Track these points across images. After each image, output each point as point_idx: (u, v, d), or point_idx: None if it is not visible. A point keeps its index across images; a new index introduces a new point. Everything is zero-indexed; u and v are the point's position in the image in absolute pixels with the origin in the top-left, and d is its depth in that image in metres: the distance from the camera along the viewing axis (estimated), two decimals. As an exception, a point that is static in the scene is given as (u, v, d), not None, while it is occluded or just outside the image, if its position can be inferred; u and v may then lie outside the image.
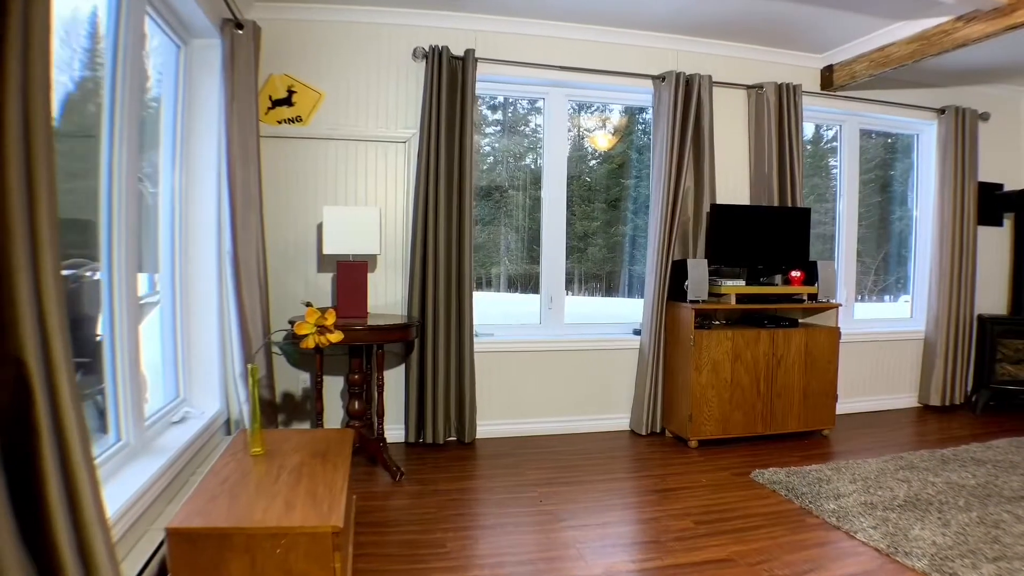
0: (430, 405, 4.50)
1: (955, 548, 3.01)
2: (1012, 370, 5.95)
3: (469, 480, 3.92)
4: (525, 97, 5.14)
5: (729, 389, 4.73)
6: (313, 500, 2.26)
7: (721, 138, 5.27)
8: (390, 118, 4.62)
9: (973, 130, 6.03)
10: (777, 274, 5.23)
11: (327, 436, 3.13)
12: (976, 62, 5.50)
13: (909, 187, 6.53)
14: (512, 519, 3.34)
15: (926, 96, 6.09)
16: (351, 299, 4.07)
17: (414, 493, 3.68)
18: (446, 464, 4.19)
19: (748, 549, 3.03)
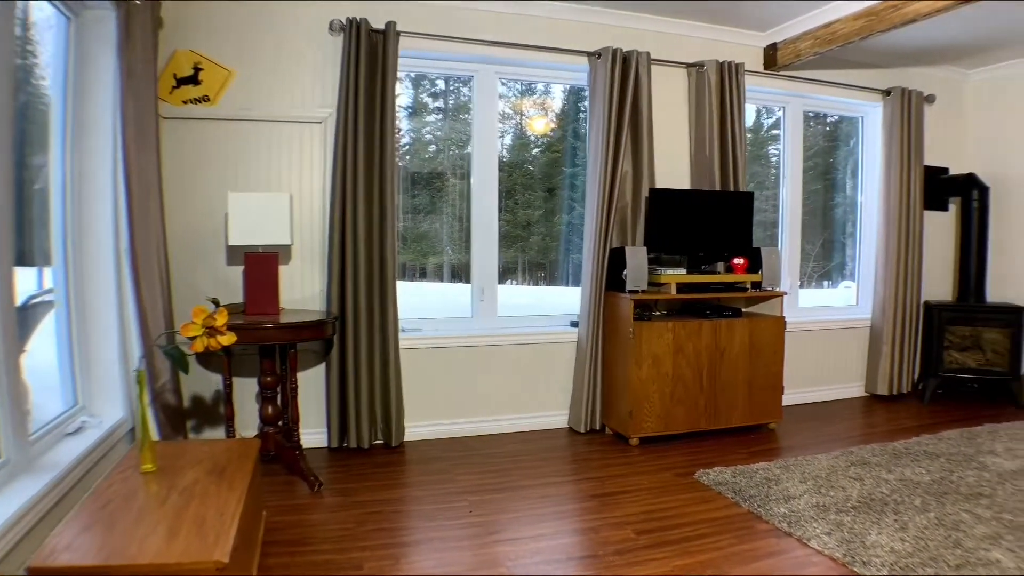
0: (352, 407, 4.30)
1: (915, 555, 2.93)
2: (959, 357, 6.00)
3: (394, 489, 3.73)
4: (452, 75, 4.93)
5: (671, 383, 4.63)
6: (199, 528, 2.05)
7: (660, 119, 5.14)
8: (306, 97, 4.37)
9: (919, 113, 6.04)
10: (719, 262, 5.16)
11: (230, 448, 2.91)
12: (923, 42, 5.49)
13: (848, 174, 6.54)
14: (439, 533, 3.17)
15: (871, 77, 6.08)
16: (261, 294, 3.84)
17: (333, 506, 3.47)
18: (370, 471, 4.00)
19: (693, 562, 2.91)
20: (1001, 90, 6.40)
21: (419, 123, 5.01)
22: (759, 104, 5.99)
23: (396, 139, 4.62)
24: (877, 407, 5.81)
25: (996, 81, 6.43)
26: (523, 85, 5.24)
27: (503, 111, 5.17)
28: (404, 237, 4.95)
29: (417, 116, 4.98)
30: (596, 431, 4.89)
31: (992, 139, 6.49)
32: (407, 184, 4.93)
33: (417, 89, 4.97)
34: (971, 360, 5.98)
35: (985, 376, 5.92)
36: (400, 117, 4.89)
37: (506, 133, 5.21)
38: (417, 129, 5.00)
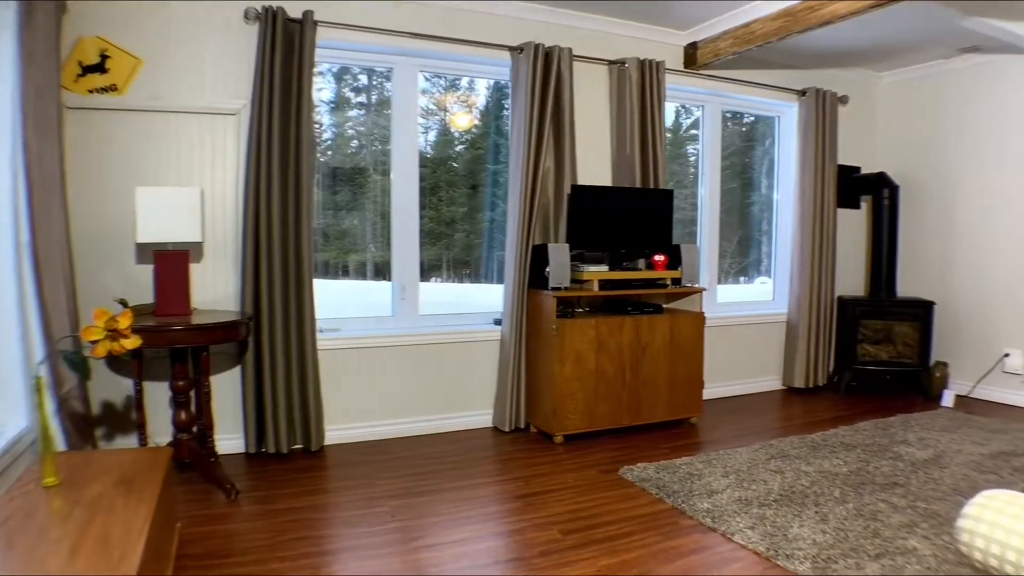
0: (270, 411, 4.16)
1: (836, 547, 3.00)
2: (872, 350, 6.20)
3: (314, 495, 3.62)
4: (372, 67, 4.82)
5: (594, 380, 4.64)
6: (104, 545, 1.94)
7: (582, 116, 5.15)
8: (219, 87, 4.20)
9: (833, 113, 6.22)
10: (640, 258, 5.21)
11: (139, 457, 2.77)
12: (837, 44, 5.66)
13: (763, 173, 6.69)
14: (360, 541, 3.08)
15: (788, 78, 6.23)
16: (171, 294, 3.68)
17: (251, 514, 3.35)
18: (289, 477, 3.88)
19: (620, 561, 2.90)
20: (910, 92, 6.65)
21: (341, 118, 4.89)
22: (679, 103, 6.07)
23: (316, 133, 4.52)
24: (794, 400, 5.97)
25: (905, 84, 6.67)
26: (447, 81, 5.18)
27: (427, 107, 5.10)
28: (325, 234, 4.83)
29: (340, 111, 4.86)
30: (521, 430, 4.87)
31: (901, 139, 6.74)
32: (328, 180, 4.81)
33: (340, 83, 4.86)
34: (883, 353, 6.19)
35: (896, 368, 6.14)
36: (322, 112, 4.77)
37: (430, 129, 5.13)
38: (339, 124, 4.88)
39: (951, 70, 6.22)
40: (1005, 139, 5.87)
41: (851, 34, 5.34)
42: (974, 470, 4.02)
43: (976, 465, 4.11)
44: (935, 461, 4.19)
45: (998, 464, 4.13)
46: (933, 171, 6.45)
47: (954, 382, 6.20)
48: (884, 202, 6.34)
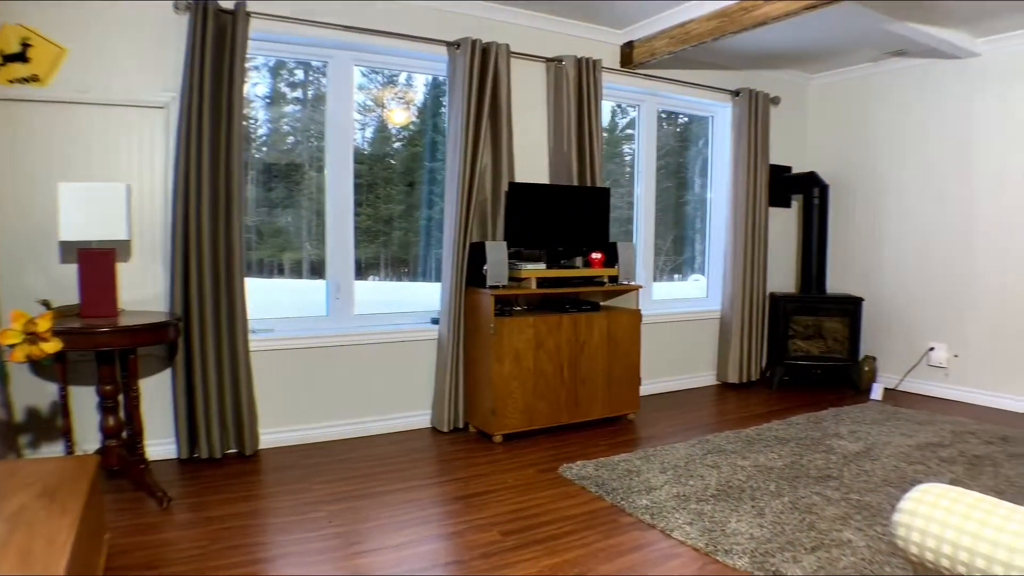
0: (202, 415, 4.03)
1: (773, 541, 3.05)
2: (803, 345, 6.34)
3: (249, 501, 3.52)
4: (308, 61, 4.71)
5: (532, 378, 4.63)
6: (25, 561, 1.83)
7: (520, 113, 5.15)
8: (147, 80, 4.03)
9: (765, 113, 6.34)
10: (578, 256, 5.22)
11: (64, 466, 2.64)
12: (770, 45, 5.77)
13: (697, 172, 6.78)
14: (296, 547, 3.01)
15: (722, 78, 6.34)
16: (97, 295, 3.52)
17: (184, 523, 3.24)
18: (223, 483, 3.76)
19: (560, 561, 2.89)
20: (839, 94, 6.82)
21: (277, 113, 4.76)
22: (616, 102, 6.10)
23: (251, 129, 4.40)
24: (729, 395, 6.07)
25: (835, 86, 6.84)
26: (385, 77, 5.09)
27: (365, 103, 5.00)
28: (260, 232, 4.70)
29: (275, 106, 4.73)
30: (460, 430, 4.83)
31: (831, 140, 6.91)
32: (264, 176, 4.68)
33: (276, 78, 4.72)
34: (814, 348, 6.33)
35: (827, 363, 6.29)
36: (257, 107, 4.64)
37: (367, 126, 5.04)
38: (275, 119, 4.75)
39: (878, 73, 6.41)
40: (928, 141, 6.07)
41: (784, 36, 5.46)
42: (903, 461, 4.14)
43: (905, 456, 4.23)
44: (866, 453, 4.29)
45: (926, 455, 4.26)
46: (861, 171, 6.63)
47: (882, 375, 6.39)
48: (814, 201, 6.48)
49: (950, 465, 4.08)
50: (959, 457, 4.24)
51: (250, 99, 4.54)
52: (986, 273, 5.72)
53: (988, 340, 5.72)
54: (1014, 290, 5.54)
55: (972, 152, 5.77)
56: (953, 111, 5.88)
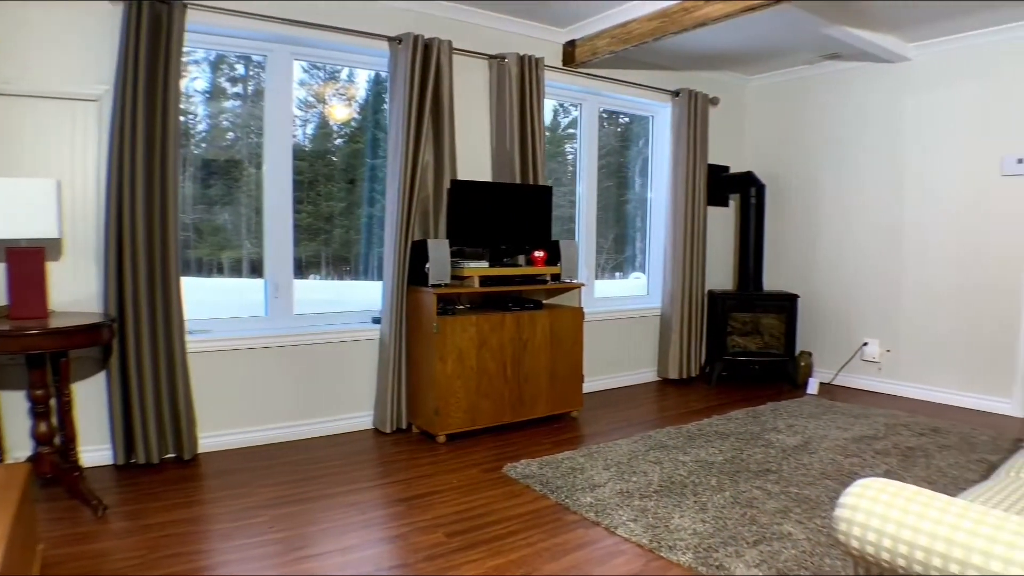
0: (139, 419, 3.90)
1: (716, 536, 3.09)
2: (741, 342, 6.44)
3: (189, 507, 3.42)
4: (246, 54, 4.59)
5: (476, 378, 4.61)
6: (-48, 576, 1.75)
7: (462, 110, 5.12)
8: (79, 71, 3.86)
9: (704, 113, 6.43)
10: (521, 254, 5.22)
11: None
12: (710, 47, 5.86)
13: (637, 172, 6.85)
14: (238, 554, 2.94)
15: (663, 78, 6.42)
16: (26, 295, 3.39)
17: (121, 531, 3.13)
18: (162, 489, 3.65)
19: (506, 561, 2.89)
20: (776, 95, 6.96)
21: (217, 108, 4.63)
22: (558, 100, 6.12)
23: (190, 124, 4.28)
24: (670, 391, 6.14)
25: (772, 87, 6.98)
26: (326, 73, 5.01)
27: (306, 99, 4.91)
28: (198, 230, 4.57)
29: (215, 101, 4.60)
30: (403, 430, 4.79)
31: (768, 140, 7.06)
32: (202, 173, 4.55)
33: (216, 73, 4.59)
34: (752, 344, 6.45)
35: (764, 358, 6.41)
36: (197, 102, 4.52)
37: (308, 122, 4.94)
38: (214, 115, 4.62)
39: (814, 75, 6.56)
40: (860, 142, 6.24)
41: (723, 38, 5.54)
42: (840, 454, 4.25)
43: (841, 449, 4.34)
44: (804, 447, 4.39)
45: (861, 448, 4.38)
46: (796, 171, 6.78)
47: (818, 370, 6.56)
48: (751, 200, 6.60)
49: (884, 457, 4.20)
50: (893, 449, 4.36)
51: (189, 94, 4.43)
52: (914, 271, 5.92)
53: (918, 335, 5.91)
54: (940, 287, 5.75)
55: (902, 153, 5.96)
56: (884, 113, 6.06)
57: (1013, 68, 5.26)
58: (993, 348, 5.46)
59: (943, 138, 5.69)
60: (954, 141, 5.63)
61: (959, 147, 5.60)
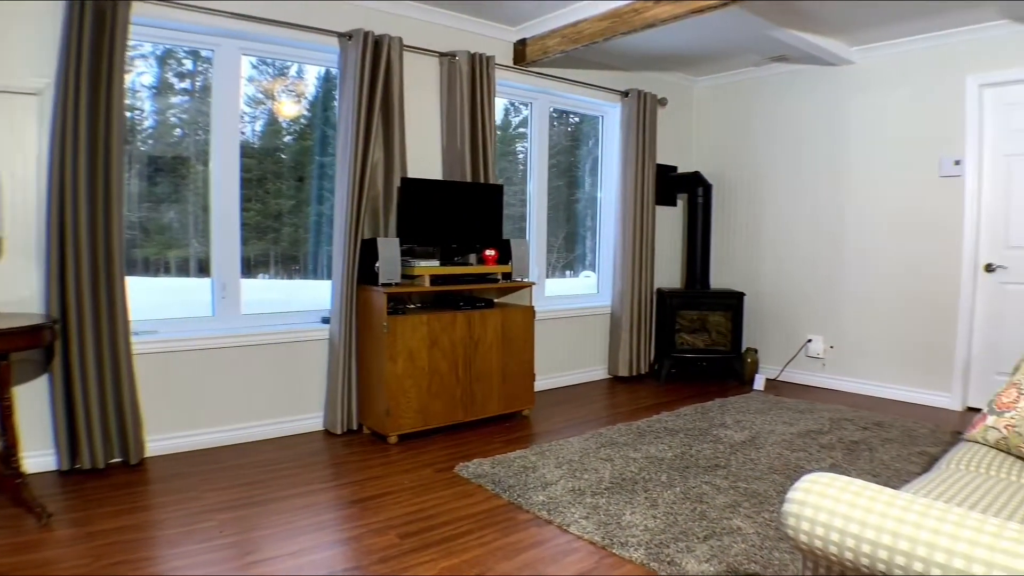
0: (83, 423, 3.78)
1: (667, 531, 3.13)
2: (689, 339, 6.54)
3: (135, 513, 3.34)
4: (193, 48, 4.48)
5: (427, 377, 4.60)
6: None
7: (412, 107, 5.10)
8: (18, 64, 3.72)
9: (653, 114, 6.52)
10: (472, 253, 5.22)
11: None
12: (659, 48, 5.94)
13: (587, 171, 6.91)
14: (186, 560, 2.88)
15: (613, 79, 6.48)
16: (-40, 295, 3.28)
17: (66, 539, 3.04)
18: (108, 495, 3.55)
19: (459, 562, 2.89)
20: (723, 97, 7.08)
21: (164, 104, 4.52)
22: (509, 99, 6.14)
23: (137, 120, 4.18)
24: (620, 388, 6.21)
25: (719, 88, 7.09)
26: (276, 69, 4.93)
27: (255, 95, 4.83)
28: (145, 228, 4.46)
29: (162, 96, 4.49)
30: (353, 432, 4.76)
31: (715, 141, 7.18)
32: (149, 170, 4.44)
33: (163, 68, 4.47)
34: (699, 341, 6.55)
35: (712, 355, 6.52)
36: (144, 97, 4.40)
37: (257, 119, 4.86)
38: (162, 111, 4.50)
39: (761, 77, 6.69)
40: (805, 143, 6.39)
41: (672, 39, 5.61)
42: (786, 449, 4.34)
43: (788, 444, 4.43)
44: (751, 442, 4.47)
45: (807, 442, 4.48)
46: (742, 171, 6.91)
47: (764, 367, 6.69)
48: (699, 200, 6.71)
49: (830, 451, 4.30)
50: (838, 443, 4.47)
51: (136, 89, 4.32)
52: (856, 269, 6.09)
53: (860, 332, 6.07)
54: (881, 285, 5.93)
55: (844, 155, 6.12)
56: (828, 116, 6.21)
57: (949, 72, 5.44)
58: (932, 344, 5.64)
59: (885, 139, 5.86)
60: (895, 143, 5.80)
61: (900, 149, 5.78)
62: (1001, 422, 2.76)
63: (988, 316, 5.44)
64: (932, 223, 5.61)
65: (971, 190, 5.40)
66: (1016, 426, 2.68)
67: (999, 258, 5.37)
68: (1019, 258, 5.28)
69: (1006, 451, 2.74)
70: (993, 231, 5.40)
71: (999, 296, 5.38)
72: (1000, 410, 2.80)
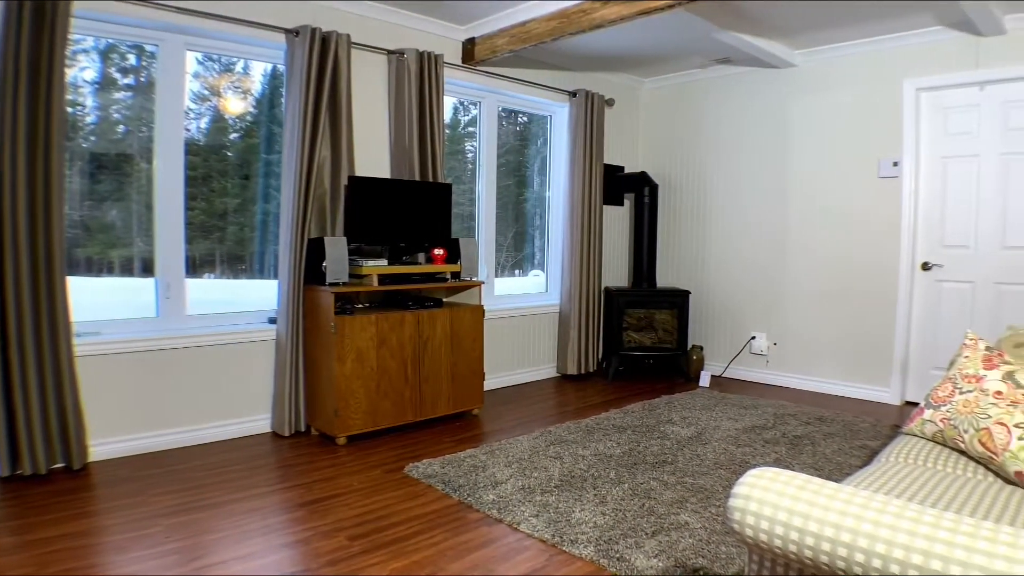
0: (23, 427, 3.68)
1: (616, 528, 3.19)
2: (637, 337, 6.63)
3: (80, 519, 3.27)
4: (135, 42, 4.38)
5: (376, 377, 4.58)
6: None
7: (360, 105, 5.09)
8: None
9: (600, 114, 6.59)
10: (420, 252, 5.23)
11: None
12: (607, 49, 6.02)
13: (536, 171, 6.96)
14: (134, 566, 2.83)
15: (561, 79, 6.55)
16: None
17: (8, 547, 2.97)
18: (50, 501, 3.47)
19: (409, 563, 2.90)
20: (669, 98, 7.20)
21: (107, 100, 4.40)
22: (458, 97, 6.15)
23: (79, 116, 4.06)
24: (568, 386, 6.28)
25: (665, 89, 7.21)
26: (222, 65, 4.85)
27: (200, 91, 4.74)
28: (87, 227, 4.35)
29: (105, 92, 4.37)
30: (301, 433, 4.73)
31: (661, 141, 7.29)
32: (91, 167, 4.33)
33: (106, 63, 4.35)
34: (646, 339, 6.65)
35: (658, 352, 6.62)
36: (86, 93, 4.29)
37: (202, 115, 4.77)
38: (105, 106, 4.39)
39: (706, 79, 6.82)
40: (749, 144, 6.54)
41: (619, 40, 5.69)
42: (732, 444, 4.44)
43: (733, 440, 4.54)
44: (697, 438, 4.56)
45: (751, 437, 4.60)
46: (688, 171, 7.03)
47: (710, 363, 6.83)
48: (645, 200, 6.81)
49: (774, 446, 4.42)
50: (781, 438, 4.59)
51: (78, 84, 4.22)
52: (798, 268, 6.26)
53: (802, 329, 6.24)
54: (822, 283, 6.11)
55: (787, 156, 6.28)
56: (771, 117, 6.36)
57: (887, 76, 5.63)
58: (872, 340, 5.82)
59: (826, 141, 6.03)
60: (836, 144, 5.98)
61: (840, 150, 5.95)
62: (937, 416, 2.85)
63: (925, 313, 5.63)
64: (871, 223, 5.78)
65: (908, 191, 5.58)
66: (951, 419, 2.77)
67: (935, 257, 5.56)
68: (954, 257, 5.48)
69: (942, 443, 2.84)
70: (929, 231, 5.59)
71: (935, 294, 5.58)
72: (936, 404, 2.90)
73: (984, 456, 2.58)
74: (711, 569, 2.78)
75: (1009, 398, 2.65)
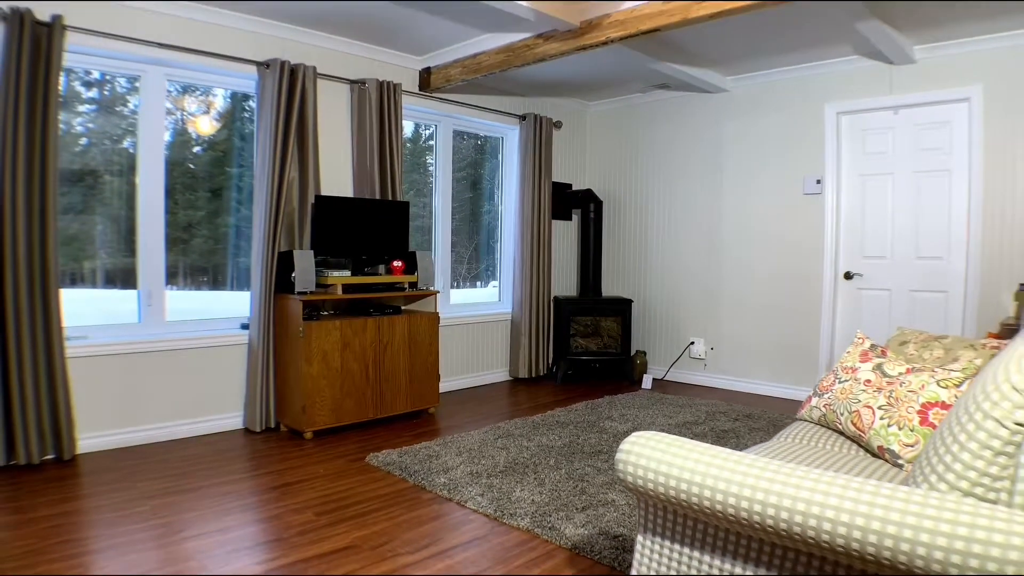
0: (19, 421, 4.04)
1: (551, 504, 3.59)
2: (584, 343, 7.08)
3: (73, 501, 3.63)
4: (121, 74, 4.77)
5: (340, 378, 4.96)
6: None
7: (326, 130, 5.48)
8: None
9: (549, 136, 7.02)
10: (381, 264, 5.60)
11: None
12: (553, 76, 6.44)
13: (496, 185, 7.36)
14: (126, 538, 3.20)
15: (512, 104, 6.97)
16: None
17: (9, 525, 3.32)
18: (45, 486, 3.82)
19: (370, 533, 3.28)
20: (612, 120, 7.64)
21: (71, 114, 4.64)
22: (416, 121, 6.54)
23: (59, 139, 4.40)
24: (519, 388, 6.68)
25: (609, 112, 7.65)
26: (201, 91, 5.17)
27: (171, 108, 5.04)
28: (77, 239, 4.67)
29: (68, 107, 4.60)
30: (272, 429, 5.08)
31: (605, 160, 7.73)
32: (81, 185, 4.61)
33: (69, 76, 4.55)
34: (593, 344, 7.10)
35: (604, 357, 7.06)
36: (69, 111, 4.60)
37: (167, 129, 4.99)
38: (68, 121, 4.60)
39: (646, 103, 7.29)
40: (686, 163, 7.01)
41: (564, 69, 6.13)
42: (662, 437, 4.85)
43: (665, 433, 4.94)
44: (632, 432, 4.95)
45: (682, 432, 5.02)
46: (631, 189, 7.49)
47: (652, 367, 7.28)
48: (591, 215, 7.23)
49: (701, 439, 4.83)
50: (709, 432, 5.02)
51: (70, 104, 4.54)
52: (732, 278, 6.72)
53: (736, 334, 6.71)
54: (754, 292, 6.57)
55: (721, 174, 6.75)
56: (707, 138, 6.85)
57: (811, 100, 6.12)
58: (799, 344, 6.28)
59: (756, 160, 6.50)
60: (765, 163, 6.44)
61: (770, 168, 6.41)
62: (821, 402, 3.33)
63: (847, 318, 6.09)
64: (798, 236, 6.24)
65: (831, 206, 6.04)
66: (832, 404, 3.25)
67: (856, 267, 6.02)
68: (873, 267, 5.94)
69: (826, 426, 3.31)
70: (850, 243, 6.05)
71: (856, 300, 6.04)
72: (821, 392, 3.38)
73: (855, 435, 3.05)
74: (631, 536, 3.24)
75: (876, 385, 3.14)
